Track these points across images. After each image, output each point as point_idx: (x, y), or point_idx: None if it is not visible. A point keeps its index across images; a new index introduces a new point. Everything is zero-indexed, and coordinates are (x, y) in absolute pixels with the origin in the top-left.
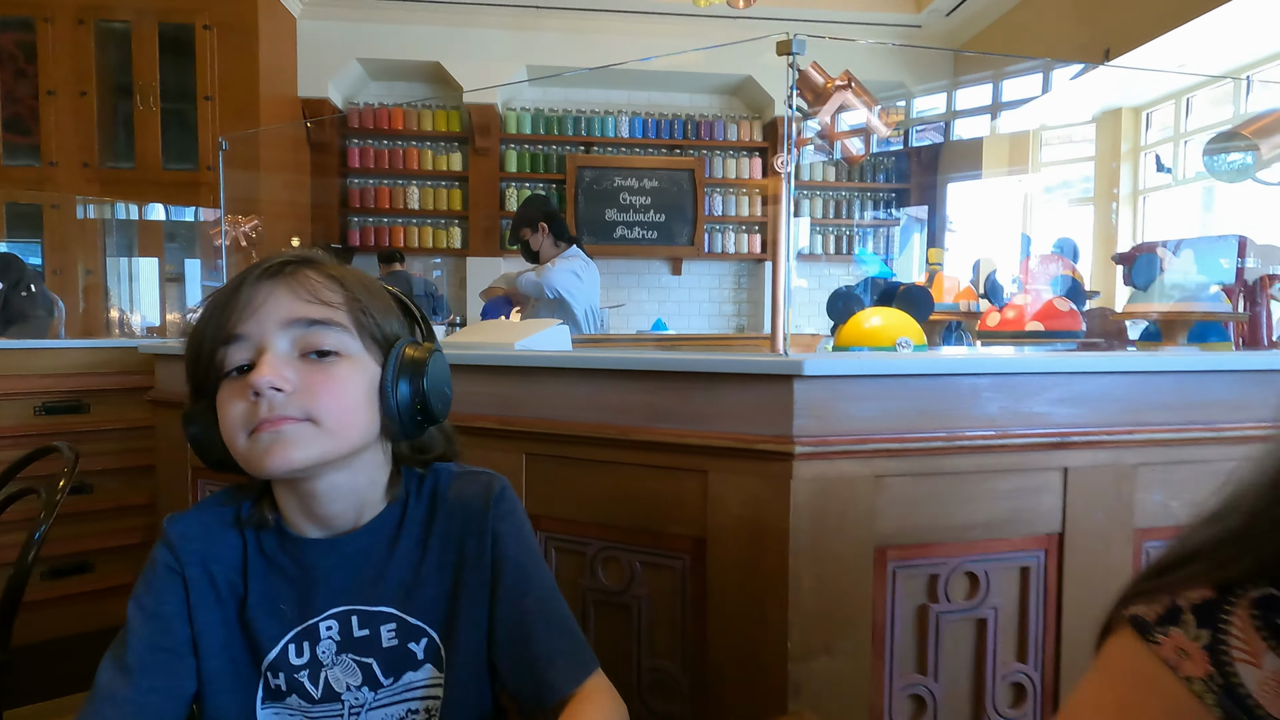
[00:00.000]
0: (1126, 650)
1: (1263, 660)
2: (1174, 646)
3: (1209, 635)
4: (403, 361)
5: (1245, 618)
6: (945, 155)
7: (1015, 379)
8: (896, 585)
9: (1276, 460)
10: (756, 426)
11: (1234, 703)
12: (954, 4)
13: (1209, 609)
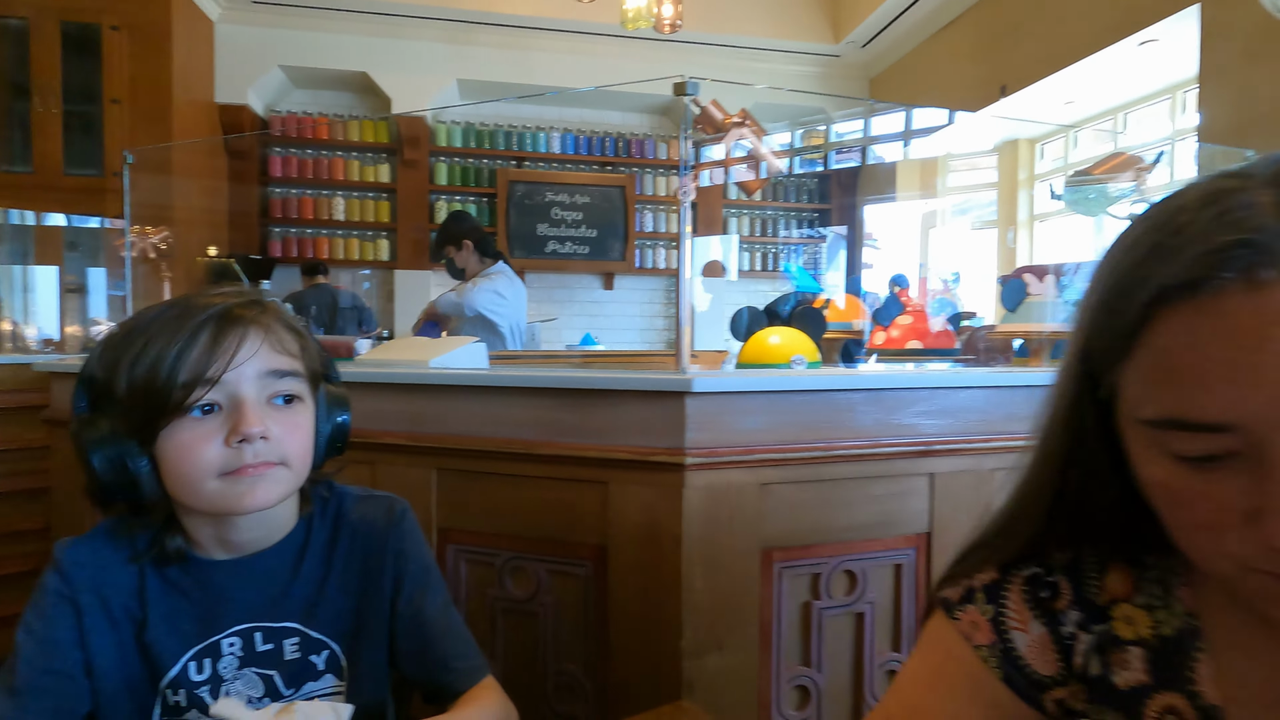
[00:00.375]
0: (937, 627)
1: (1029, 627)
2: (969, 621)
3: (993, 609)
4: (331, 399)
5: (1019, 593)
6: (863, 178)
7: (887, 394)
8: (782, 584)
9: (1029, 466)
10: (652, 440)
11: (1009, 664)
12: (869, 37)
13: (993, 588)
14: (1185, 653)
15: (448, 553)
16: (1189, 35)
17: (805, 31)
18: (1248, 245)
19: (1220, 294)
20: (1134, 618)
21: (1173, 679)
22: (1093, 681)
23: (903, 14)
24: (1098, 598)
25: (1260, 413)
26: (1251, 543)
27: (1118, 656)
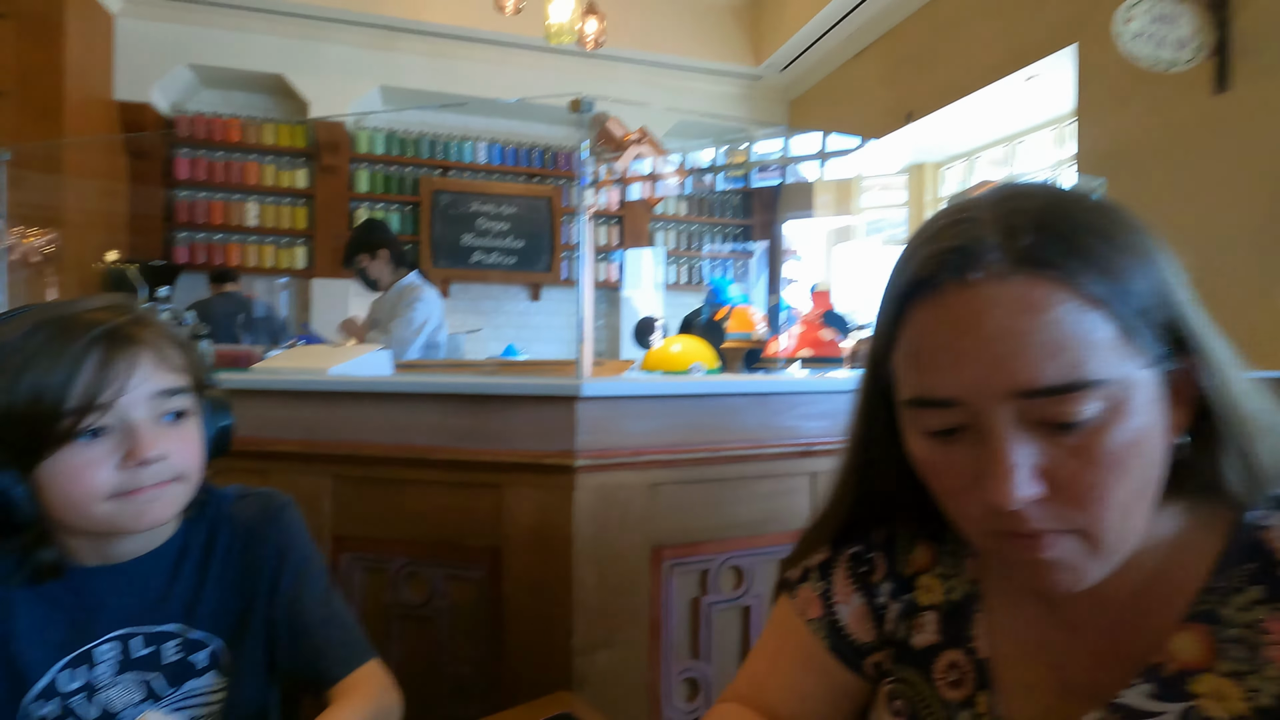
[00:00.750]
0: (781, 606)
1: (851, 599)
2: (804, 598)
3: (823, 586)
4: (213, 404)
5: (844, 569)
6: (784, 195)
7: (770, 398)
8: (672, 581)
9: (842, 455)
10: (545, 444)
11: (835, 634)
12: (788, 61)
13: (825, 566)
14: (967, 614)
15: (342, 561)
16: (1068, 73)
17: (728, 53)
18: (961, 251)
19: (943, 290)
20: (931, 586)
21: (956, 637)
22: (899, 644)
23: (818, 41)
24: (905, 570)
25: (974, 386)
26: (980, 504)
27: (917, 621)
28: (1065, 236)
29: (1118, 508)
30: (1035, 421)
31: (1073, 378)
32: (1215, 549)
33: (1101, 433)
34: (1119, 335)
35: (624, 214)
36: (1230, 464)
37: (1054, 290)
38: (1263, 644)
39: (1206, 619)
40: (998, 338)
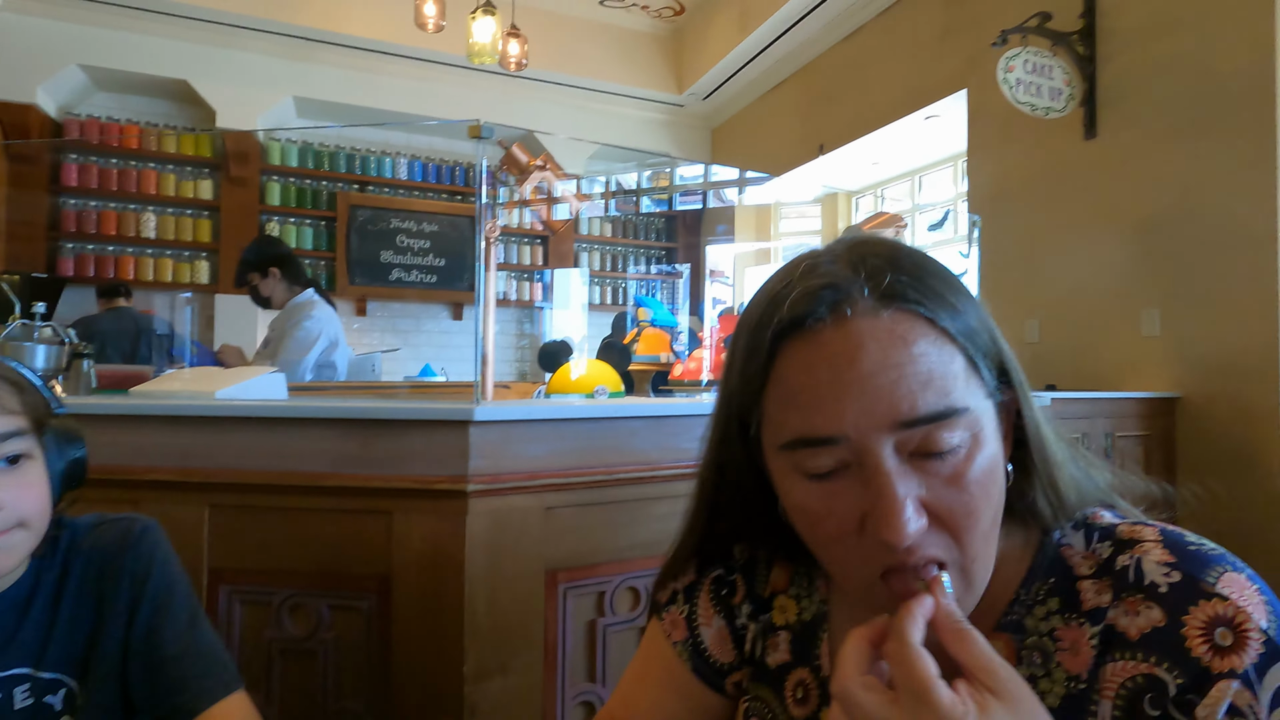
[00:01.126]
0: (652, 628)
1: (713, 622)
2: (670, 620)
3: (687, 609)
4: (59, 437)
5: (707, 592)
6: (706, 219)
7: (667, 420)
8: (567, 604)
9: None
10: (437, 468)
11: (697, 656)
12: (709, 91)
13: (690, 588)
14: (815, 634)
15: (220, 595)
16: (961, 114)
17: (652, 81)
18: (832, 287)
19: (817, 328)
20: (786, 606)
21: (805, 656)
22: (756, 664)
23: (736, 74)
24: (764, 591)
25: (856, 421)
26: (869, 546)
27: (772, 640)
28: (917, 277)
29: (983, 535)
30: (911, 454)
31: (944, 405)
32: (1025, 565)
33: (968, 461)
34: (968, 367)
35: (548, 235)
36: (1040, 491)
37: (918, 324)
38: (1054, 650)
39: (1012, 629)
40: (876, 371)
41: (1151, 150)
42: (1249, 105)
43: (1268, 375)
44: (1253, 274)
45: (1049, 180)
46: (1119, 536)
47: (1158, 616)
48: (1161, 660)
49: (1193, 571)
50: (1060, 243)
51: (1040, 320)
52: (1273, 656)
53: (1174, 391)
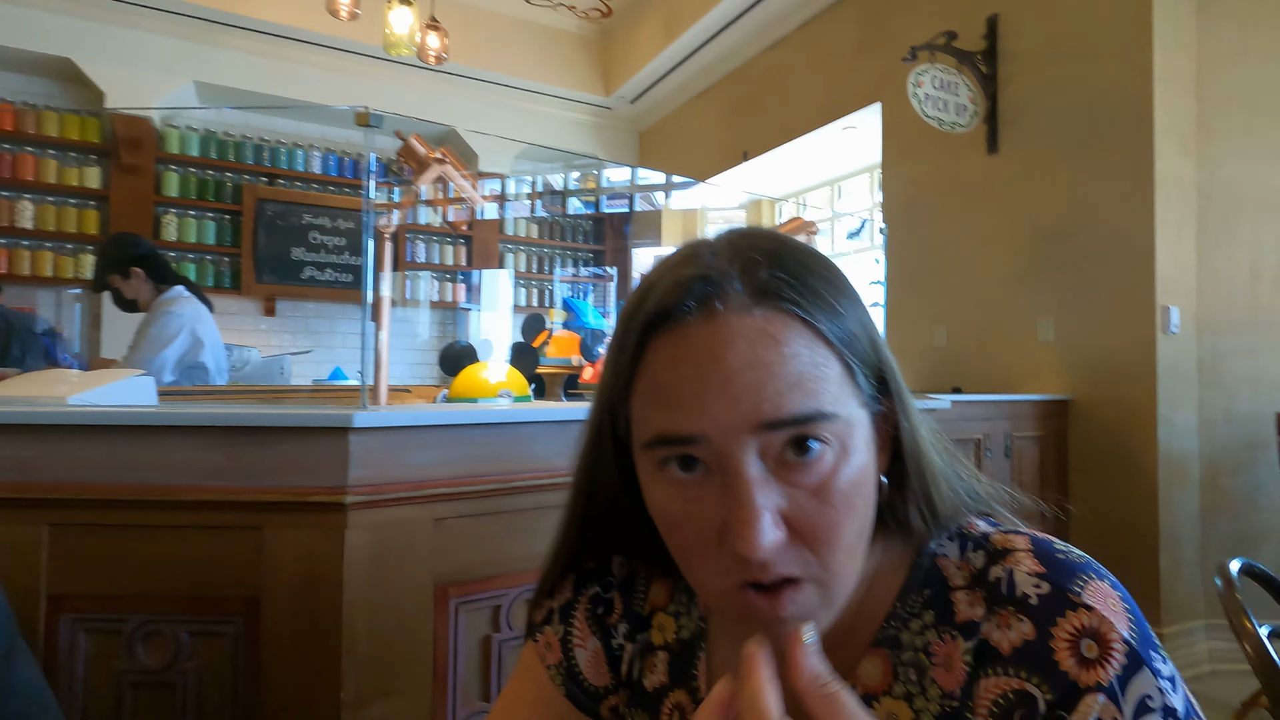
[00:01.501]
0: (526, 650)
1: (588, 643)
2: (545, 642)
3: (563, 629)
4: None
5: (583, 611)
6: (634, 223)
7: (568, 426)
8: (459, 620)
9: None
10: (313, 479)
11: (572, 680)
12: (636, 94)
13: (566, 608)
14: (693, 653)
15: (61, 625)
16: (877, 127)
17: (579, 82)
18: (704, 279)
19: (685, 322)
20: (665, 625)
21: (683, 678)
22: (633, 686)
23: (664, 78)
24: (642, 609)
25: (718, 420)
26: (726, 556)
27: (649, 661)
28: (796, 275)
29: (845, 550)
30: (774, 462)
31: (812, 409)
32: (902, 578)
33: (834, 472)
34: (844, 374)
35: (471, 234)
36: (915, 503)
37: (791, 323)
38: (929, 666)
39: (889, 644)
40: (743, 369)
41: (1046, 166)
42: (1130, 127)
43: (1146, 378)
44: (1133, 284)
45: (956, 192)
46: (992, 546)
47: (1028, 630)
48: (1031, 675)
49: (1061, 582)
50: (966, 252)
51: (948, 326)
52: (1134, 667)
53: (1066, 394)
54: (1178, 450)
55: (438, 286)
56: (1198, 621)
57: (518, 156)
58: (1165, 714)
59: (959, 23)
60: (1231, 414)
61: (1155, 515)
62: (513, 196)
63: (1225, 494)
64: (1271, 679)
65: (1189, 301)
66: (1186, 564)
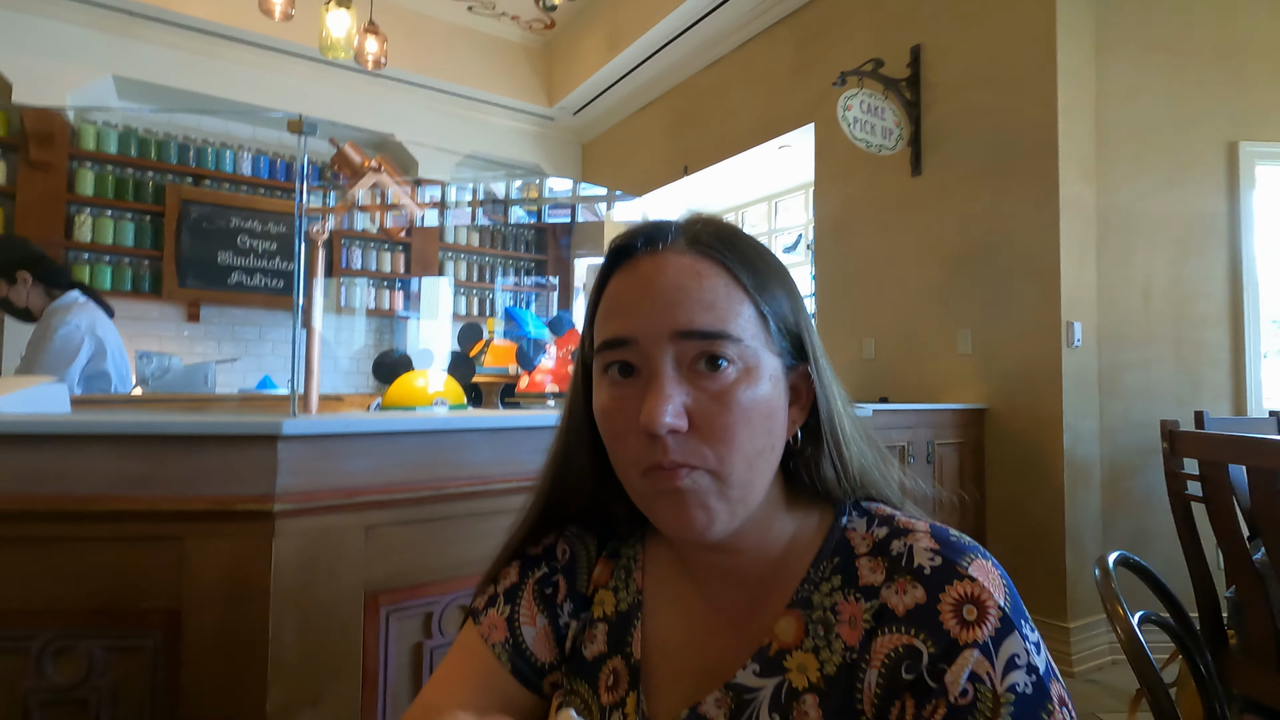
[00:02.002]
0: (465, 633)
1: (536, 621)
2: (489, 624)
3: (509, 609)
4: None
5: (530, 592)
6: (576, 234)
7: (502, 434)
8: (390, 627)
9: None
10: (240, 488)
11: (518, 656)
12: (579, 105)
13: (512, 590)
14: (630, 623)
15: None
16: (810, 146)
17: (522, 91)
18: (655, 228)
19: (636, 257)
20: (605, 599)
21: (618, 645)
22: (573, 658)
23: (606, 91)
24: (585, 589)
25: (647, 326)
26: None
27: (589, 633)
28: (728, 240)
29: (743, 455)
30: (687, 369)
31: (719, 328)
32: (817, 546)
33: (735, 386)
34: (757, 319)
35: (410, 241)
36: (826, 467)
37: (714, 267)
38: (835, 623)
39: (802, 604)
40: (669, 290)
41: (965, 189)
42: (1037, 155)
43: (1053, 388)
44: (1041, 300)
45: (883, 211)
46: (895, 524)
47: (920, 595)
48: (919, 632)
49: (951, 557)
50: (892, 268)
51: (875, 339)
52: (1006, 630)
53: (982, 403)
54: (1082, 455)
55: (374, 294)
56: (1099, 615)
57: (459, 164)
58: (1029, 671)
59: (886, 51)
60: (1129, 421)
61: (1062, 516)
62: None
63: (1124, 495)
64: (1138, 660)
65: (1090, 317)
66: (1089, 561)
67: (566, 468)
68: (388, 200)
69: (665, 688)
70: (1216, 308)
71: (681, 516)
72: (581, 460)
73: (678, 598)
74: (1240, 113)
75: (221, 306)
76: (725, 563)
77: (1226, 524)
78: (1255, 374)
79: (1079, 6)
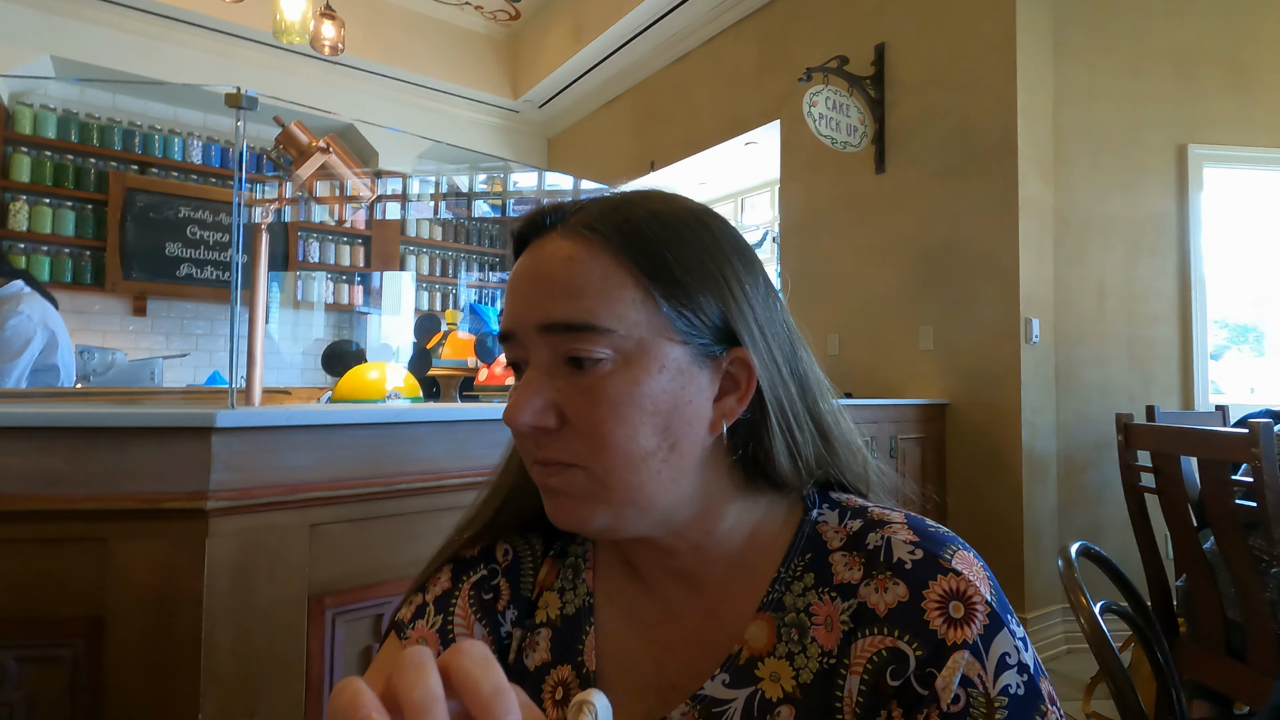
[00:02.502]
0: (388, 647)
1: (474, 630)
2: (417, 637)
3: (441, 620)
4: None
5: (465, 599)
6: None
7: (456, 426)
8: (336, 631)
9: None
10: (169, 484)
11: None
12: (544, 99)
13: (444, 598)
14: (578, 629)
15: None
16: (776, 143)
17: (486, 83)
18: (546, 211)
19: (530, 244)
20: (549, 601)
21: (566, 653)
22: (517, 669)
23: (572, 85)
24: (530, 593)
25: (518, 319)
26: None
27: (531, 640)
28: (630, 221)
29: (621, 455)
30: (561, 365)
31: (582, 319)
32: (786, 542)
33: (608, 381)
34: (644, 301)
35: (371, 234)
36: (780, 455)
37: (592, 250)
38: (809, 625)
39: (774, 607)
40: (538, 278)
41: (927, 188)
42: (997, 154)
43: (1012, 384)
44: (1001, 297)
45: (848, 209)
46: (870, 516)
47: (903, 592)
48: (904, 634)
49: (932, 550)
50: (857, 265)
51: (840, 335)
52: (995, 627)
53: (944, 399)
54: (1039, 450)
55: (333, 288)
56: (1056, 606)
57: (421, 156)
58: (1020, 670)
59: (851, 49)
60: (1084, 416)
61: (1020, 509)
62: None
63: (1079, 489)
64: (1101, 648)
65: (1048, 314)
66: (1046, 553)
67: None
68: (339, 184)
69: (623, 702)
70: (1167, 306)
71: (555, 513)
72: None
73: (632, 602)
74: (1190, 116)
75: (170, 300)
76: (672, 564)
77: (1178, 514)
78: (1202, 370)
79: (1038, 8)
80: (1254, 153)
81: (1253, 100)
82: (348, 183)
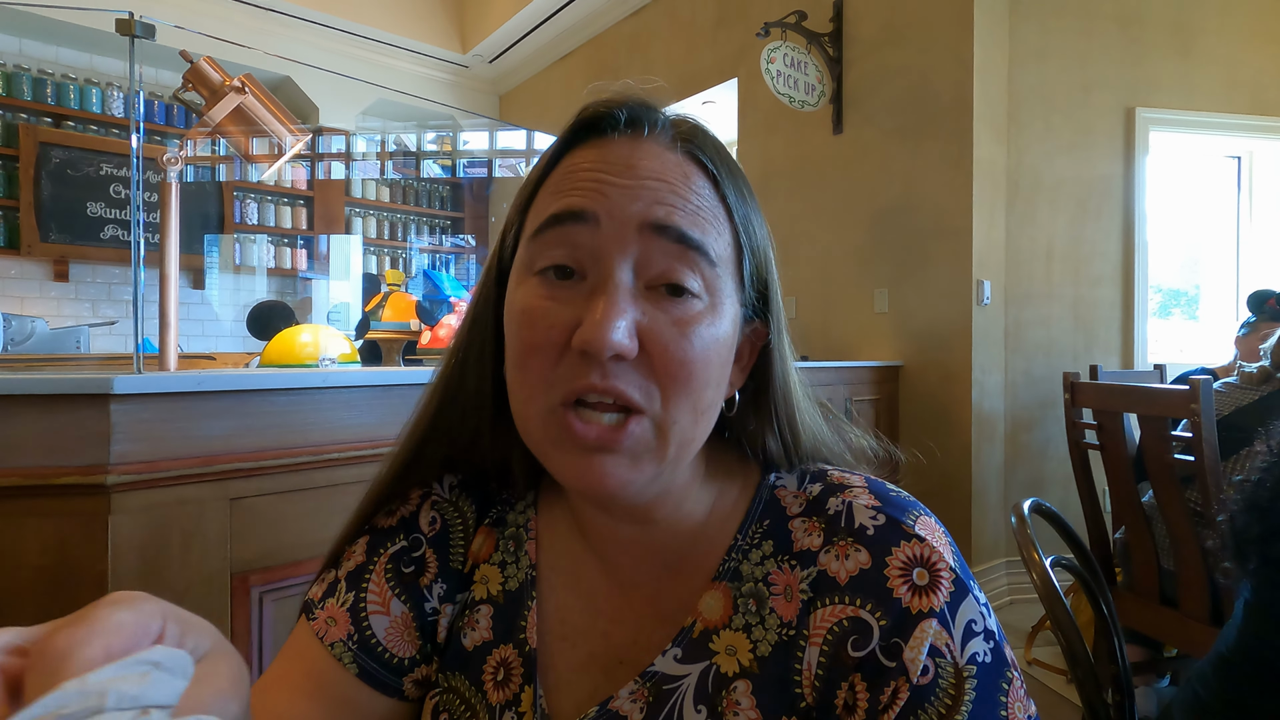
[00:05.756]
0: (297, 631)
1: (391, 607)
2: (325, 618)
3: (352, 598)
4: None
5: (382, 573)
6: (495, 190)
7: (392, 391)
8: (265, 611)
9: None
10: (62, 458)
11: (366, 654)
12: (495, 54)
13: (357, 573)
14: (520, 605)
15: None
16: (734, 102)
17: (434, 36)
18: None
19: (609, 137)
20: (489, 576)
21: (508, 631)
22: (450, 649)
23: (524, 39)
24: (462, 565)
25: (614, 207)
26: (567, 361)
27: (470, 618)
28: (721, 155)
29: (690, 399)
30: (646, 286)
31: (698, 238)
32: (743, 509)
33: (700, 318)
34: (733, 250)
35: (314, 195)
36: (772, 441)
37: (704, 178)
38: (768, 596)
39: (730, 577)
40: (652, 177)
41: (883, 148)
42: (953, 114)
43: (963, 345)
44: (954, 259)
45: (805, 170)
46: (829, 480)
47: (864, 559)
48: (866, 602)
49: (895, 515)
50: (814, 227)
51: (797, 298)
52: (961, 594)
53: (897, 360)
54: (988, 409)
55: (274, 251)
56: (1000, 560)
57: (364, 113)
58: (986, 637)
59: (810, 4)
60: (1030, 376)
61: (969, 467)
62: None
63: (1024, 447)
64: (1052, 601)
65: (999, 276)
66: (992, 509)
67: (459, 392)
68: (274, 140)
69: (568, 680)
70: (1110, 268)
71: (591, 474)
72: (481, 385)
73: (578, 573)
74: (1137, 79)
75: (94, 264)
76: (632, 533)
77: (1118, 469)
78: (1142, 330)
79: None
80: (1199, 117)
81: (1194, 65)
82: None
